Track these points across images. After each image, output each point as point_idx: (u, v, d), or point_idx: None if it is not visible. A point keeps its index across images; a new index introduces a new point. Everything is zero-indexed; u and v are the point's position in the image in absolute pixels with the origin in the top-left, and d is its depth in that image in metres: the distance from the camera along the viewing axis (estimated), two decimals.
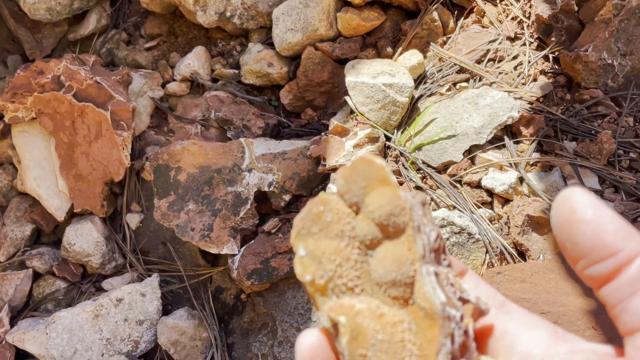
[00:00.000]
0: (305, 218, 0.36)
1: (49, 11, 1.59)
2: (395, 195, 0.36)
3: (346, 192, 0.37)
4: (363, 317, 0.34)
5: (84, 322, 1.28)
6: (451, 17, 1.45)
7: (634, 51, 1.27)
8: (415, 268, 0.35)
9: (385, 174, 0.36)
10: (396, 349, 0.34)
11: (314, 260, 0.35)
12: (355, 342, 0.33)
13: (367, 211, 0.36)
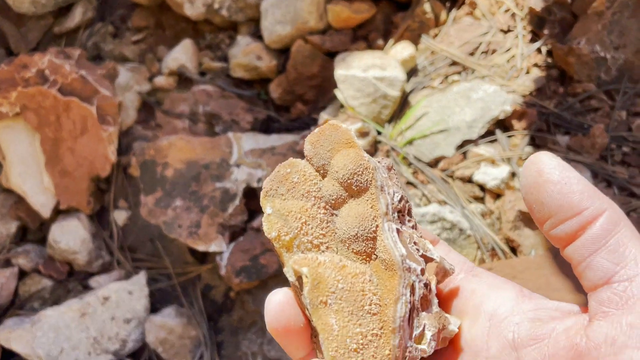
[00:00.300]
0: (273, 179, 0.38)
1: (34, 4, 1.55)
2: (358, 156, 0.37)
3: (314, 156, 0.38)
4: (325, 268, 0.35)
5: (70, 320, 1.25)
6: (443, 9, 1.43)
7: (627, 44, 1.26)
8: (377, 224, 0.36)
9: (350, 137, 0.38)
10: (356, 297, 0.35)
11: (280, 218, 0.37)
12: (317, 289, 0.35)
13: (332, 171, 0.37)
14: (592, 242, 0.34)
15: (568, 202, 0.34)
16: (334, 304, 0.35)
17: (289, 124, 1.42)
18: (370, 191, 0.37)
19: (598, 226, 0.34)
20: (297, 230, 0.36)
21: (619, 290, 0.32)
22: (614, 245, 0.33)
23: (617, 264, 0.33)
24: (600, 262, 0.33)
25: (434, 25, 1.42)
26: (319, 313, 0.35)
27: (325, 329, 0.34)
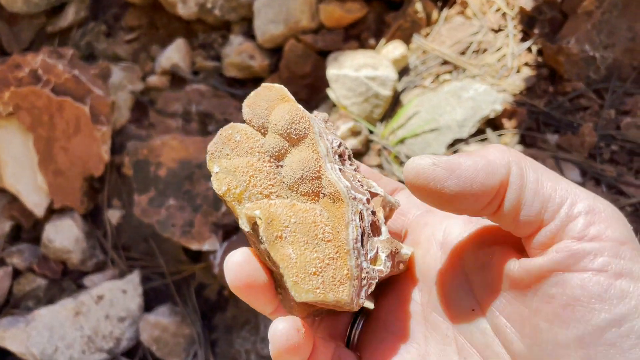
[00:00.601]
0: (216, 142, 0.39)
1: (27, 3, 1.55)
2: (294, 107, 0.40)
3: (253, 117, 0.40)
4: (276, 207, 0.37)
5: (64, 319, 1.26)
6: (434, 9, 1.44)
7: (616, 43, 1.27)
8: (320, 164, 0.39)
9: (284, 93, 0.40)
10: (309, 228, 0.37)
11: (228, 174, 0.38)
12: (271, 226, 0.36)
13: (271, 126, 0.39)
14: (513, 204, 0.34)
15: (477, 182, 0.34)
16: (289, 236, 0.36)
17: None
18: (310, 137, 0.39)
19: (513, 187, 0.34)
20: (246, 184, 0.38)
21: (542, 234, 0.33)
22: (528, 199, 0.33)
23: (536, 214, 0.33)
24: (524, 217, 0.34)
25: (426, 24, 1.43)
26: (276, 247, 0.36)
27: (284, 259, 0.36)
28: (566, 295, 0.32)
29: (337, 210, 0.38)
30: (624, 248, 0.31)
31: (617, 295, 0.30)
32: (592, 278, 0.31)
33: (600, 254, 0.31)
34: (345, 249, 0.37)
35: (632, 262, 0.31)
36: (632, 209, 1.07)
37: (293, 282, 0.36)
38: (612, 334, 0.30)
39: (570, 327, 0.31)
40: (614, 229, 0.32)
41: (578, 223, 0.32)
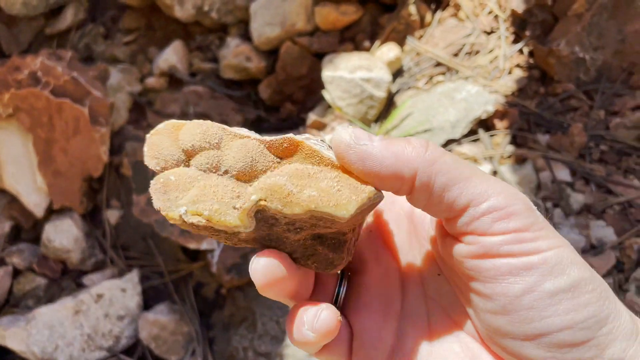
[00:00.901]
0: (160, 197, 0.41)
1: (26, 6, 1.57)
2: (194, 124, 0.42)
3: (164, 160, 0.42)
4: (263, 183, 0.40)
5: (64, 318, 1.28)
6: (428, 11, 1.46)
7: (605, 45, 1.30)
8: (256, 141, 0.41)
9: (174, 123, 0.42)
10: (301, 174, 0.40)
11: (196, 204, 0.40)
12: (276, 193, 0.39)
13: (189, 148, 0.41)
14: (425, 203, 0.39)
15: (390, 176, 0.38)
16: (294, 188, 0.39)
17: (278, 124, 1.45)
18: (228, 133, 0.42)
19: (420, 188, 0.38)
20: (217, 198, 0.40)
21: (453, 224, 0.38)
22: (436, 199, 0.38)
23: (444, 211, 0.38)
24: (436, 215, 0.39)
25: (419, 27, 1.45)
26: (295, 201, 0.39)
27: (311, 201, 0.38)
28: (483, 277, 0.37)
29: (303, 153, 0.41)
30: (525, 234, 0.36)
31: (524, 267, 0.36)
32: (502, 262, 0.36)
33: (505, 244, 0.36)
34: (336, 165, 0.40)
35: (533, 242, 0.36)
36: (620, 207, 1.09)
37: (335, 207, 0.38)
38: (527, 300, 0.36)
39: (494, 299, 0.37)
40: (515, 221, 0.36)
41: (482, 222, 0.37)
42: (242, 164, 0.40)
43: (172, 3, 1.48)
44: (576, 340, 0.36)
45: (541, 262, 0.36)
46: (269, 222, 0.41)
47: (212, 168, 0.41)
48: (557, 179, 1.15)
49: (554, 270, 0.36)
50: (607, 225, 1.07)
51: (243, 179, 0.41)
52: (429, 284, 0.45)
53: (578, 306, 0.36)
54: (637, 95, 1.24)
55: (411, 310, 0.44)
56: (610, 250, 1.03)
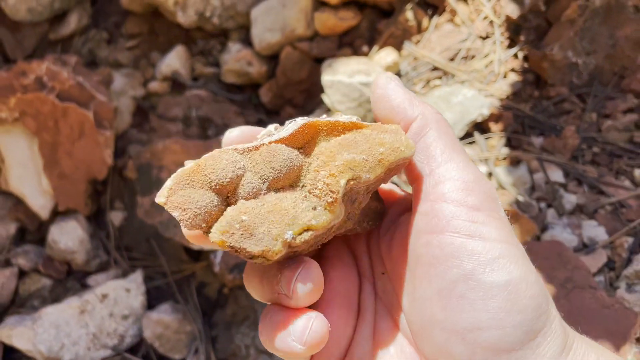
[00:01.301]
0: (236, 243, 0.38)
1: (30, 12, 1.60)
2: (213, 158, 0.39)
3: (201, 208, 0.38)
4: (336, 168, 0.39)
5: (70, 317, 1.31)
6: (425, 17, 1.50)
7: (597, 50, 1.33)
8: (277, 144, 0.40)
9: (190, 167, 0.39)
10: (360, 145, 0.40)
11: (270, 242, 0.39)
12: (352, 171, 0.39)
13: (227, 183, 0.39)
14: None
15: (391, 114, 0.42)
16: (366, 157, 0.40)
17: None
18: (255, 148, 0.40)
19: (411, 133, 0.40)
20: (284, 215, 0.39)
21: (421, 184, 0.39)
22: (421, 148, 0.40)
23: (422, 162, 0.39)
24: (412, 164, 0.40)
25: (417, 32, 1.48)
26: (378, 167, 0.39)
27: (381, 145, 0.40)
28: (429, 255, 0.37)
29: (322, 131, 0.41)
30: (479, 214, 0.36)
31: (466, 253, 0.35)
32: (447, 239, 0.36)
33: (456, 218, 0.36)
34: (358, 124, 0.41)
35: (483, 226, 0.36)
36: (611, 207, 1.13)
37: (405, 148, 0.39)
38: (462, 287, 0.35)
39: (432, 283, 0.36)
40: (474, 197, 0.37)
41: (446, 186, 0.37)
42: (281, 171, 0.39)
43: (174, 9, 1.51)
44: (501, 345, 0.34)
45: (484, 250, 0.35)
46: (352, 199, 0.41)
47: (258, 191, 0.39)
48: (550, 180, 1.18)
49: (494, 263, 0.34)
50: (599, 224, 1.10)
51: (287, 184, 0.40)
52: (377, 283, 0.44)
53: (511, 309, 0.34)
54: (628, 99, 1.27)
55: (364, 308, 0.44)
56: (602, 249, 1.06)
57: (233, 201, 0.39)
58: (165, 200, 0.37)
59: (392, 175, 0.42)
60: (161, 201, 0.37)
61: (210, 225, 0.37)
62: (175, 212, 0.37)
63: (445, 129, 0.40)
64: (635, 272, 1.01)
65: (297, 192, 0.39)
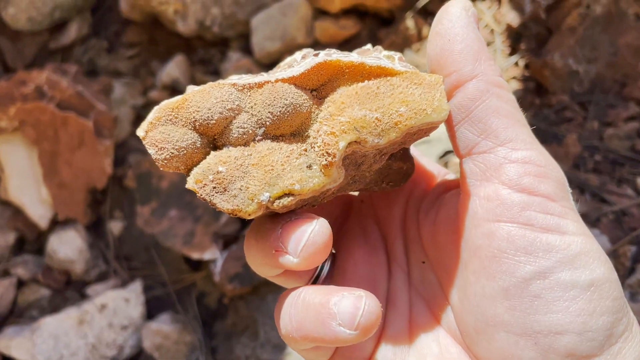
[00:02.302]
0: (212, 192, 0.34)
1: (30, 21, 1.60)
2: (198, 93, 0.35)
3: (177, 144, 0.34)
4: (343, 120, 0.34)
5: (69, 328, 1.30)
6: (425, 25, 1.50)
7: (598, 57, 1.33)
8: (275, 77, 0.35)
9: (172, 101, 0.35)
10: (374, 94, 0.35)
11: (264, 185, 0.34)
12: (363, 128, 0.33)
13: (210, 120, 0.35)
14: (458, 111, 0.34)
15: (444, 60, 0.34)
16: (378, 107, 0.35)
17: None
18: (240, 84, 0.35)
19: (465, 93, 0.33)
20: (282, 165, 0.35)
21: (478, 162, 0.34)
22: (478, 116, 0.33)
23: (478, 136, 0.33)
24: (464, 133, 0.34)
25: (417, 40, 1.48)
26: (393, 124, 0.34)
27: (404, 103, 0.34)
28: (492, 247, 0.32)
29: (343, 73, 0.35)
30: (554, 205, 0.32)
31: (542, 248, 0.31)
32: (518, 231, 0.31)
33: (528, 208, 0.31)
34: (389, 70, 0.35)
35: (559, 218, 0.31)
36: (614, 216, 1.12)
37: (433, 111, 0.33)
38: (536, 286, 0.31)
39: (496, 279, 0.32)
40: (547, 185, 0.32)
41: (513, 169, 0.32)
42: (281, 116, 0.34)
43: (174, 18, 1.51)
44: (580, 351, 0.30)
45: (564, 246, 0.31)
46: (358, 163, 0.36)
47: (249, 136, 0.34)
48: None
49: (575, 260, 0.30)
50: (602, 233, 1.09)
51: (288, 132, 0.35)
52: (413, 271, 0.40)
53: (594, 311, 0.30)
54: (630, 106, 1.27)
55: (396, 297, 0.39)
56: None
57: (220, 144, 0.35)
58: (144, 135, 0.34)
59: (416, 139, 0.36)
60: (140, 134, 0.34)
61: (190, 168, 0.34)
62: (152, 149, 0.33)
63: (508, 97, 0.34)
64: (639, 281, 1.00)
65: (296, 144, 0.34)
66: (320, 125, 0.34)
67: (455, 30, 0.34)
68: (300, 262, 0.32)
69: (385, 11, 1.49)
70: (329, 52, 0.36)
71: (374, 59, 0.35)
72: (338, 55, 0.35)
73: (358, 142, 0.33)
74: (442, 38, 0.34)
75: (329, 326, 0.31)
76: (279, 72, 0.35)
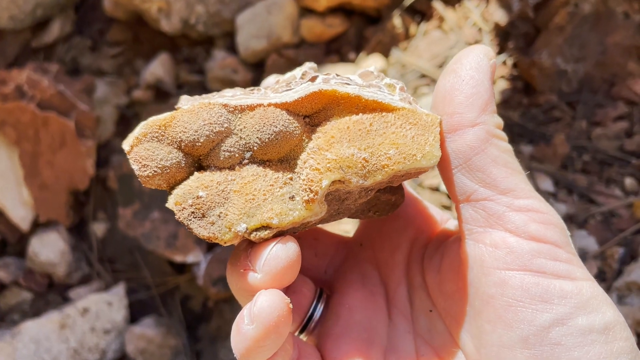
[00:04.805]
0: (189, 217, 0.34)
1: (12, 19, 1.57)
2: (184, 113, 0.35)
3: (162, 165, 0.34)
4: (325, 158, 0.34)
5: (50, 332, 1.27)
6: (413, 23, 1.48)
7: (586, 57, 1.31)
8: (268, 102, 0.34)
9: (158, 119, 0.35)
10: (358, 133, 0.34)
11: (244, 217, 0.34)
12: (349, 167, 0.33)
13: (194, 144, 0.34)
14: (456, 156, 0.34)
15: (450, 98, 0.34)
16: (368, 149, 0.34)
17: None
18: (231, 105, 0.34)
19: (465, 140, 0.34)
20: (260, 198, 0.34)
21: (478, 208, 0.33)
22: (477, 165, 0.33)
23: (476, 183, 0.34)
24: (461, 179, 0.34)
25: (404, 38, 1.46)
26: (377, 172, 0.33)
27: (396, 147, 0.33)
28: (506, 296, 0.32)
29: (338, 103, 0.34)
30: (560, 251, 0.32)
31: (557, 294, 0.31)
32: (531, 279, 0.31)
33: (538, 255, 0.32)
34: (385, 105, 0.34)
35: (568, 264, 0.32)
36: (602, 217, 1.11)
37: (423, 157, 0.33)
38: (556, 333, 0.31)
39: (514, 328, 0.32)
40: (552, 232, 0.32)
41: (518, 217, 0.32)
42: (269, 143, 0.33)
43: (158, 16, 1.49)
44: None
45: (576, 291, 0.31)
46: (342, 198, 0.35)
47: (235, 160, 0.34)
48: (540, 189, 1.16)
49: (588, 305, 0.31)
50: (589, 234, 1.08)
51: (276, 157, 0.34)
52: (419, 320, 0.39)
53: (611, 353, 0.30)
54: (619, 106, 1.26)
55: (398, 346, 0.38)
56: (592, 259, 1.04)
57: (205, 164, 0.34)
58: (129, 149, 0.34)
59: (404, 180, 0.36)
60: (125, 148, 0.34)
61: (172, 186, 0.34)
62: (135, 165, 0.33)
63: (506, 147, 0.34)
64: (627, 283, 0.99)
65: (282, 172, 0.34)
66: (308, 157, 0.33)
67: (471, 73, 0.34)
68: (263, 278, 0.32)
69: (372, 9, 1.47)
70: (327, 77, 0.35)
71: (373, 89, 0.35)
72: (336, 81, 0.34)
73: (342, 181, 0.32)
74: (457, 77, 0.34)
75: (241, 328, 0.31)
76: (273, 95, 0.35)
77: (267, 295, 0.31)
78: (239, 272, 0.34)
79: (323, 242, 0.43)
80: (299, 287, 0.39)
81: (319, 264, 0.42)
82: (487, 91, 0.34)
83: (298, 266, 0.33)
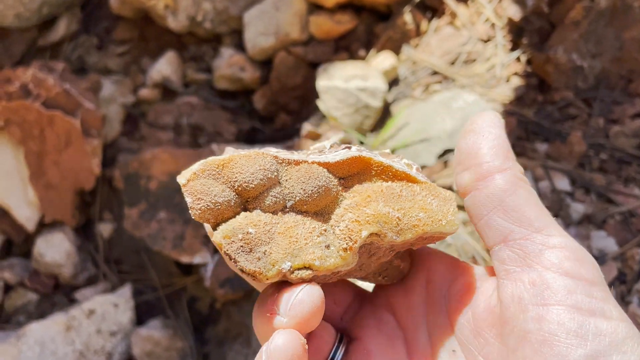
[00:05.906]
0: (239, 254, 0.36)
1: (18, 17, 1.56)
2: (242, 158, 0.38)
3: (215, 203, 0.37)
4: (363, 211, 0.37)
5: (55, 334, 1.25)
6: (424, 19, 1.45)
7: (603, 52, 1.28)
8: (312, 161, 0.38)
9: (216, 160, 0.37)
10: (391, 196, 0.38)
11: (287, 256, 0.36)
12: (386, 223, 0.37)
13: (247, 187, 0.37)
14: (489, 200, 0.36)
15: (475, 151, 0.37)
16: (401, 214, 0.38)
17: (273, 134, 1.43)
18: (284, 161, 0.38)
19: (496, 184, 0.36)
20: (298, 246, 0.37)
21: (516, 249, 0.35)
22: (511, 206, 0.35)
23: (512, 223, 0.35)
24: (496, 221, 0.36)
25: (415, 35, 1.43)
26: (409, 230, 0.37)
27: (425, 216, 0.37)
28: (543, 331, 0.32)
29: (372, 169, 0.38)
30: (595, 289, 0.33)
31: (592, 331, 0.31)
32: (567, 314, 0.32)
33: (574, 291, 0.32)
34: (411, 177, 0.39)
35: (603, 302, 0.32)
36: (621, 217, 1.07)
37: (447, 223, 0.37)
38: None
39: None
40: (586, 269, 0.33)
41: (553, 254, 0.33)
42: (311, 196, 0.37)
43: (165, 14, 1.47)
44: None
45: (611, 330, 0.31)
46: (371, 253, 0.38)
47: (279, 206, 0.37)
48: (556, 189, 1.13)
49: (623, 345, 0.31)
50: (608, 235, 1.04)
51: (313, 210, 0.37)
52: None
53: None
54: (637, 103, 1.22)
55: None
56: (612, 261, 1.01)
57: (251, 207, 0.37)
58: (185, 182, 0.36)
59: (423, 244, 0.40)
60: (181, 182, 0.36)
61: (218, 222, 0.36)
62: (189, 198, 0.36)
63: (532, 190, 0.37)
64: None
65: (318, 223, 0.37)
66: (345, 212, 0.37)
67: (489, 129, 0.37)
68: (289, 322, 0.34)
69: (382, 5, 1.44)
70: (359, 148, 0.40)
71: (403, 162, 0.40)
72: (367, 153, 0.39)
73: (378, 234, 0.36)
74: (476, 134, 0.37)
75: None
76: (314, 156, 0.39)
77: (283, 335, 0.33)
78: (266, 316, 0.35)
79: (341, 289, 0.45)
80: (319, 332, 0.40)
81: (336, 311, 0.44)
82: (506, 142, 0.37)
83: (322, 311, 0.35)
